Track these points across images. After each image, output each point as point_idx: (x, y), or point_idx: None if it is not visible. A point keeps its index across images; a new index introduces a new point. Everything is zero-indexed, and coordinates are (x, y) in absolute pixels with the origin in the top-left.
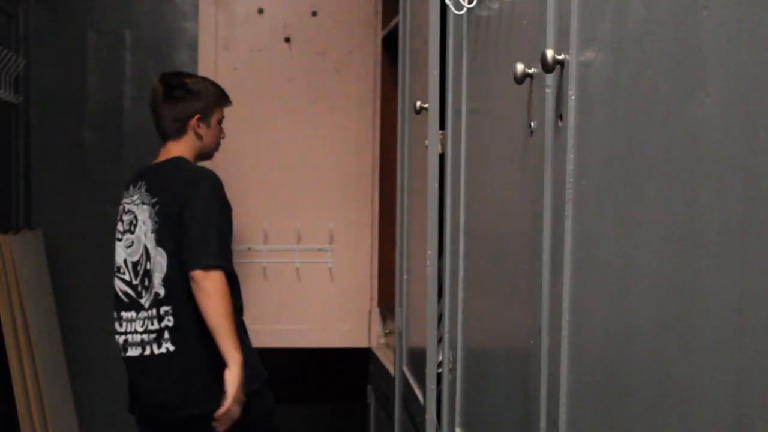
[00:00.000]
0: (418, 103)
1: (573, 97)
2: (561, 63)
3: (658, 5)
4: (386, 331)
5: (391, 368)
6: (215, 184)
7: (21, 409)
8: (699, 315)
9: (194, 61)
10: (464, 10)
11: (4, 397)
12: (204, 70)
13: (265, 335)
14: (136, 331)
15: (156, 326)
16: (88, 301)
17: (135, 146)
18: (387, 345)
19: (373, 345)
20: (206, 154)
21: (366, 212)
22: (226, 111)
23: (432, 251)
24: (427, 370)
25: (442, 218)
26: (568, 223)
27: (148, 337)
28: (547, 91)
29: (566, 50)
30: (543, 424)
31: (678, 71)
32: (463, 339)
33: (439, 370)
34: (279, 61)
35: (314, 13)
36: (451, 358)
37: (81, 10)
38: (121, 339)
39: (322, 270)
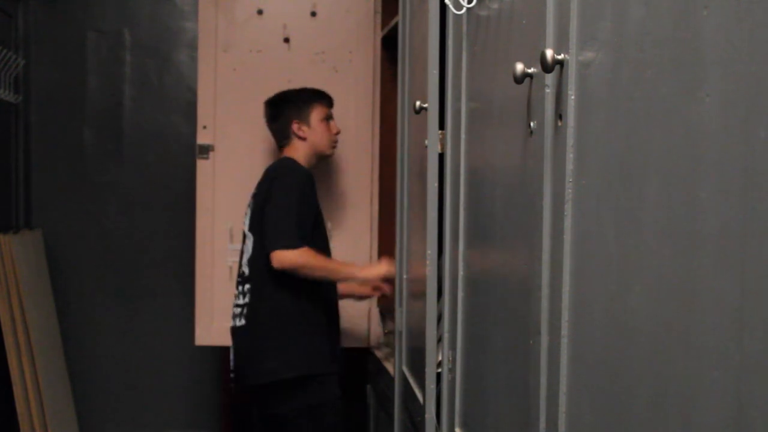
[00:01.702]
0: (418, 103)
1: (573, 97)
2: (560, 63)
3: (658, 5)
4: (386, 331)
5: (390, 368)
6: (299, 178)
7: (20, 409)
8: (699, 315)
9: (194, 61)
10: (464, 9)
11: (3, 397)
12: (204, 70)
13: None
14: (234, 304)
15: (241, 301)
16: (87, 300)
17: (135, 146)
18: (386, 345)
19: (373, 345)
20: (320, 152)
21: (365, 212)
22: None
23: (431, 251)
24: (427, 370)
25: (442, 218)
26: (568, 223)
27: (237, 311)
28: (547, 90)
29: (566, 50)
30: (542, 423)
31: (678, 71)
32: (462, 338)
33: (439, 370)
34: (278, 61)
35: (313, 14)
36: (450, 358)
37: (81, 10)
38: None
39: None
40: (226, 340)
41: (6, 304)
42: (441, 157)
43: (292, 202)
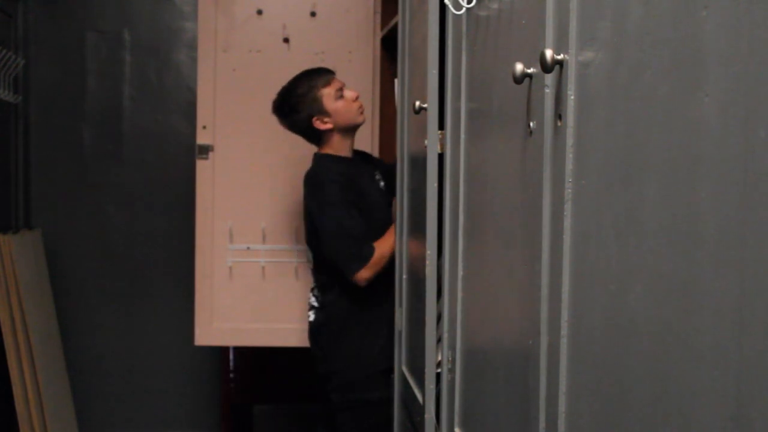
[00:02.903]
0: (417, 103)
1: (572, 97)
2: (560, 63)
3: (658, 5)
4: None
5: None
6: (329, 188)
7: (20, 409)
8: (698, 315)
9: (193, 61)
10: (463, 9)
11: (3, 397)
12: (203, 70)
13: (263, 334)
14: (309, 304)
15: (313, 302)
16: (87, 300)
17: (134, 146)
18: None
19: None
20: (348, 127)
21: None
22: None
23: (431, 251)
24: (426, 370)
25: (442, 218)
26: (567, 223)
27: (311, 312)
28: (547, 91)
29: (565, 50)
30: (542, 423)
31: (677, 71)
32: (462, 339)
33: (438, 370)
34: (278, 61)
35: (313, 14)
36: (450, 358)
37: (80, 10)
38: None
39: None
40: (226, 340)
41: (5, 304)
42: (440, 157)
43: (338, 222)
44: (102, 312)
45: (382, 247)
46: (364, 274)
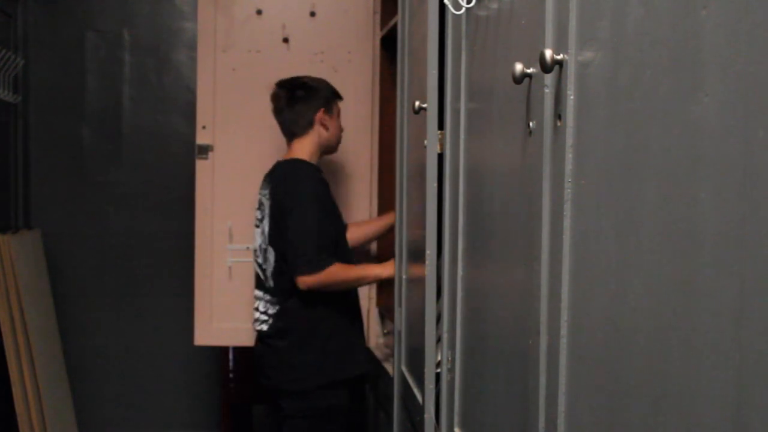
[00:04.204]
0: (417, 103)
1: (572, 97)
2: (560, 63)
3: (657, 5)
4: (385, 331)
5: (389, 368)
6: (313, 187)
7: (19, 410)
8: (698, 315)
9: (193, 61)
10: (463, 9)
11: (2, 397)
12: (203, 70)
13: None
14: (257, 309)
15: (265, 309)
16: (86, 300)
17: (134, 146)
18: (386, 345)
19: (372, 344)
20: (330, 147)
21: (365, 212)
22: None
23: (431, 251)
24: (426, 370)
25: (441, 218)
26: (567, 223)
27: (263, 318)
28: (546, 91)
29: (565, 50)
30: (542, 423)
31: (677, 71)
32: (461, 338)
33: (438, 370)
34: (277, 61)
35: (312, 14)
36: (449, 358)
37: (80, 10)
38: (254, 314)
39: None
40: (226, 340)
41: (5, 304)
42: (440, 157)
43: (311, 221)
44: (102, 312)
45: (345, 271)
46: (308, 279)
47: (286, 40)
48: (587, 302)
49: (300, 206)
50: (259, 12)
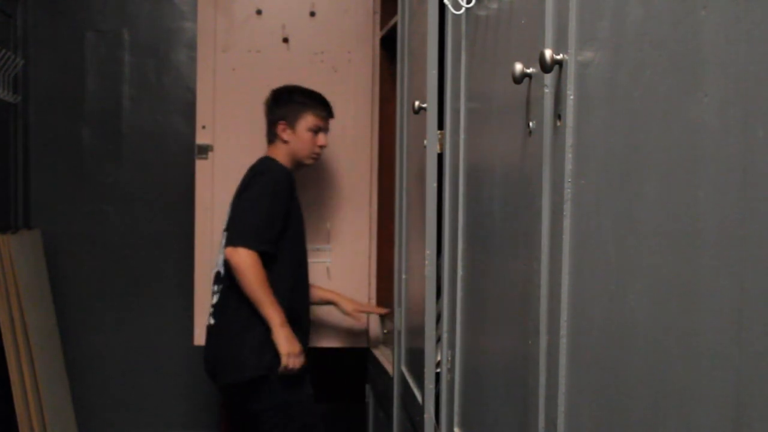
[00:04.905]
0: (417, 103)
1: (571, 97)
2: (559, 63)
3: (657, 5)
4: (385, 331)
5: (389, 368)
6: (276, 176)
7: (19, 410)
8: (698, 315)
9: (193, 61)
10: (463, 9)
11: (2, 398)
12: (203, 70)
13: None
14: (211, 304)
15: (214, 300)
16: (86, 300)
17: (134, 146)
18: (385, 345)
19: (372, 345)
20: (299, 160)
21: (364, 212)
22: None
23: (431, 251)
24: (426, 370)
25: (441, 218)
26: (567, 223)
27: (211, 310)
28: (546, 90)
29: (565, 50)
30: (541, 423)
31: (676, 71)
32: (461, 338)
33: (438, 370)
34: (277, 61)
35: (312, 14)
36: (449, 358)
37: (79, 10)
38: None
39: (320, 269)
40: None
41: (5, 304)
42: (440, 157)
43: (262, 202)
44: (101, 312)
45: (258, 274)
46: (234, 253)
47: (286, 40)
48: (587, 302)
49: (255, 187)
50: (259, 12)
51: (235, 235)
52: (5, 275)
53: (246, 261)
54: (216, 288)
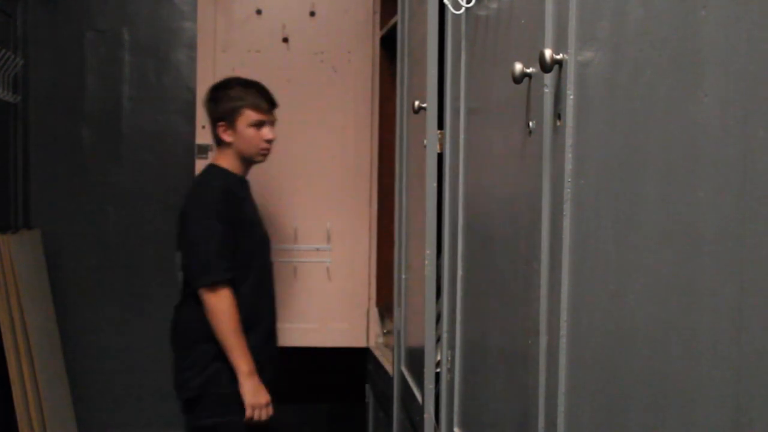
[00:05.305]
0: (417, 103)
1: (571, 97)
2: (559, 63)
3: (657, 5)
4: (385, 331)
5: (389, 368)
6: (212, 199)
7: (19, 410)
8: (698, 315)
9: (193, 61)
10: (462, 9)
11: (2, 398)
12: (202, 70)
13: None
14: None
15: (173, 316)
16: (86, 300)
17: (133, 146)
18: (385, 344)
19: (372, 344)
20: (247, 158)
21: (364, 211)
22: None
23: (430, 250)
24: (426, 370)
25: (441, 217)
26: (567, 223)
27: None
28: (546, 90)
29: (565, 50)
30: (541, 423)
31: (676, 71)
32: (461, 338)
33: (438, 370)
34: (277, 61)
35: (312, 14)
36: (449, 358)
37: (79, 10)
38: None
39: (320, 269)
40: None
41: (5, 304)
42: (440, 156)
43: (207, 232)
44: (101, 312)
45: (231, 320)
46: (207, 298)
47: (285, 40)
48: (587, 302)
49: (195, 219)
50: (258, 12)
51: (198, 275)
52: (5, 275)
53: (223, 303)
54: (177, 303)
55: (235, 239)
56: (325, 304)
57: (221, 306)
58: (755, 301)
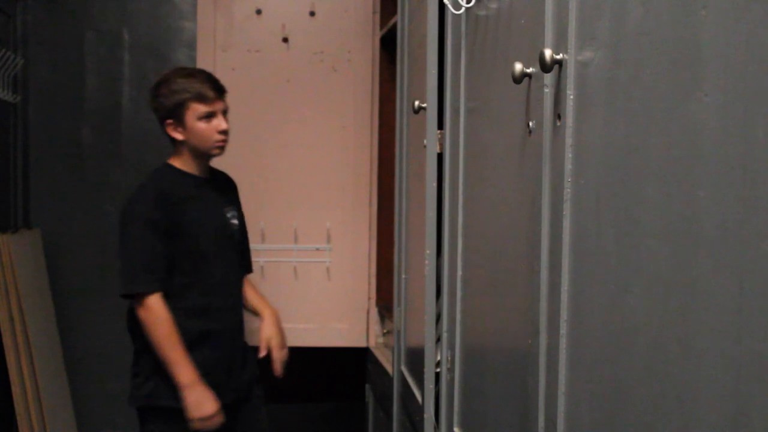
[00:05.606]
0: (417, 103)
1: (571, 97)
2: (559, 62)
3: (657, 5)
4: (384, 331)
5: (389, 368)
6: (143, 207)
7: (19, 409)
8: (698, 314)
9: (192, 60)
10: (462, 9)
11: (2, 398)
12: None
13: None
14: None
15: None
16: (86, 300)
17: (133, 146)
18: (385, 344)
19: (372, 344)
20: (203, 153)
21: (364, 211)
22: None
23: (430, 250)
24: (426, 370)
25: (441, 217)
26: (567, 223)
27: None
28: (546, 90)
29: (564, 50)
30: (541, 423)
31: (676, 71)
32: (461, 338)
33: (438, 370)
34: (277, 61)
35: (312, 14)
36: (449, 358)
37: (79, 10)
38: None
39: (319, 269)
40: None
41: (5, 304)
42: (439, 156)
43: (136, 242)
44: (101, 312)
45: (166, 326)
46: (139, 307)
47: (285, 40)
48: (587, 302)
49: (124, 223)
50: (258, 12)
51: (122, 284)
52: (5, 275)
53: (152, 315)
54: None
55: (173, 245)
56: (325, 304)
57: (150, 318)
58: (756, 301)
